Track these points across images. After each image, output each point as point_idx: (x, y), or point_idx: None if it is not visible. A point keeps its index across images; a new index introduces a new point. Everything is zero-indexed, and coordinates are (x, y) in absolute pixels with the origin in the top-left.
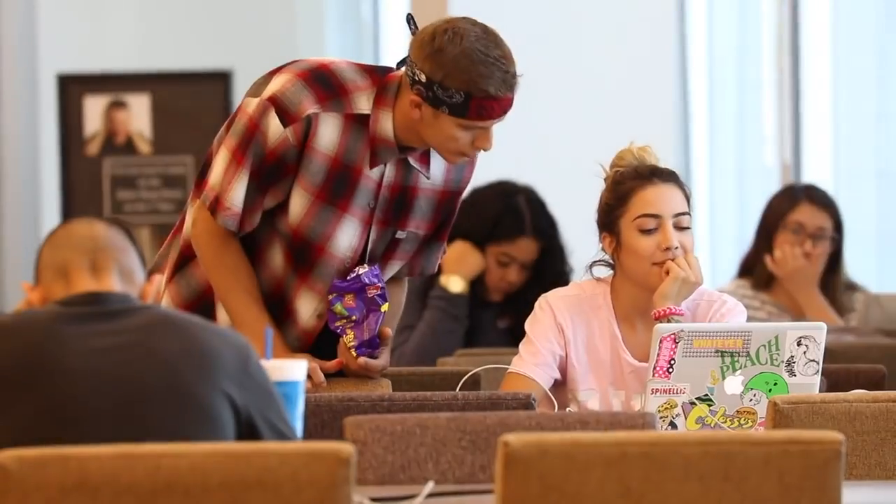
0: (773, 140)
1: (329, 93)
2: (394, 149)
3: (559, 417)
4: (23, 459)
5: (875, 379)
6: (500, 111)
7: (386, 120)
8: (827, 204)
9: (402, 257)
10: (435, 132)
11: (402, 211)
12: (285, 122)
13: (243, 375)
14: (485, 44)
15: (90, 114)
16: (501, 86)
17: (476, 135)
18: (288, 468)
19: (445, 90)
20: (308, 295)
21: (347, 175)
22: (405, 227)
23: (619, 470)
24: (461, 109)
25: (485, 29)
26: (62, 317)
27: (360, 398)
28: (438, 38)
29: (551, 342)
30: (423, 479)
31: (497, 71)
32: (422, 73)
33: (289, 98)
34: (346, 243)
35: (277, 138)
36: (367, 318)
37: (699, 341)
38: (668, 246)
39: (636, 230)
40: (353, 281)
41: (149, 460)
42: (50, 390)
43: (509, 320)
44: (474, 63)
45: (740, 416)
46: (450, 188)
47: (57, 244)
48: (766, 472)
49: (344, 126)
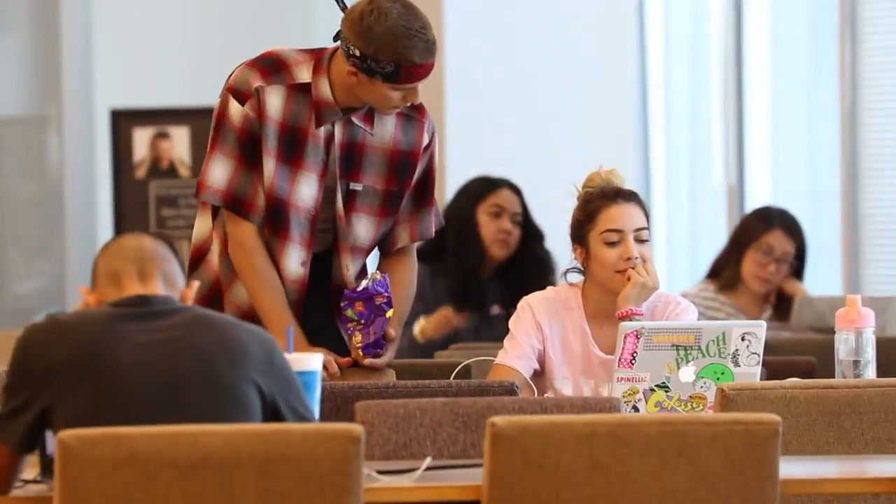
0: (721, 164)
1: (272, 69)
2: (336, 110)
3: (538, 402)
4: (81, 438)
5: (807, 369)
6: (425, 73)
7: (324, 85)
8: (796, 232)
9: (369, 211)
10: (371, 94)
11: (353, 165)
12: (241, 101)
13: (269, 366)
14: (406, 18)
15: (138, 143)
16: (424, 54)
17: (405, 93)
18: (307, 445)
19: (377, 62)
20: (289, 247)
21: (296, 136)
22: (358, 179)
23: (589, 447)
24: (393, 77)
25: (404, 4)
26: (114, 316)
27: (369, 386)
28: (366, 17)
29: (531, 338)
30: (422, 455)
31: (419, 42)
32: (355, 48)
33: (240, 81)
34: (307, 194)
35: (240, 117)
36: (374, 322)
37: (658, 337)
38: (629, 256)
39: (602, 243)
40: (362, 292)
41: (188, 438)
42: (104, 379)
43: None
44: (399, 38)
45: (693, 400)
46: (400, 148)
47: (110, 255)
48: (715, 448)
49: (287, 95)
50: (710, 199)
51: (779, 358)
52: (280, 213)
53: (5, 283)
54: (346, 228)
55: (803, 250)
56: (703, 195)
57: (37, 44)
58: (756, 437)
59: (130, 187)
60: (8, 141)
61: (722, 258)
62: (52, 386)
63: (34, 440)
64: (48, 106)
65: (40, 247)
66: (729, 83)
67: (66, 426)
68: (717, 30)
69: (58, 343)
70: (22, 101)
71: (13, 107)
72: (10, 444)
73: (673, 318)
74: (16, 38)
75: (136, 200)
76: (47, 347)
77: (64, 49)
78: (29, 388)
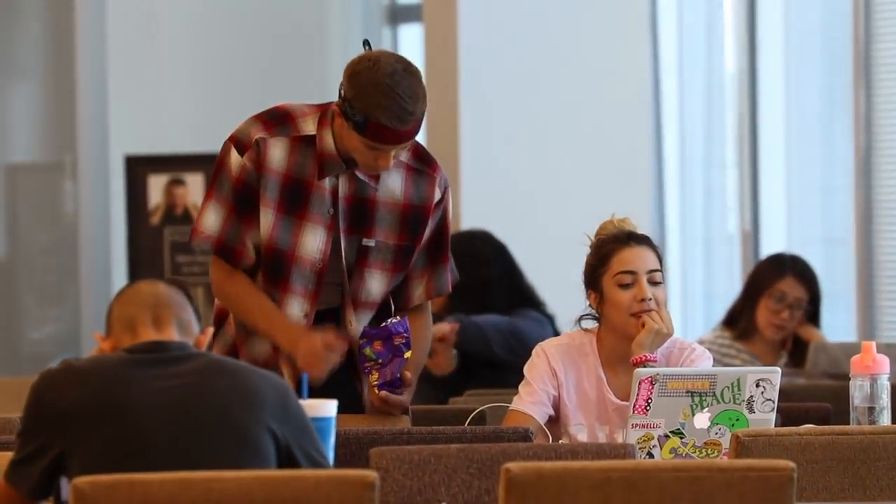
0: (735, 211)
1: (276, 121)
2: (339, 162)
3: (553, 448)
4: (95, 484)
5: (822, 415)
6: (394, 140)
7: (328, 136)
8: (809, 279)
9: (381, 267)
10: (349, 142)
11: (364, 221)
12: (241, 152)
13: (283, 411)
14: (396, 79)
15: (153, 189)
16: (395, 119)
17: (377, 155)
18: (321, 492)
19: (352, 108)
20: (290, 298)
21: (300, 188)
22: (371, 235)
23: (604, 493)
24: (361, 128)
25: (407, 67)
26: (129, 362)
27: (384, 432)
28: (362, 62)
29: (546, 384)
30: (436, 502)
31: (396, 105)
32: (343, 88)
33: (242, 132)
34: (312, 246)
35: (238, 167)
36: (392, 361)
37: (672, 383)
38: (643, 297)
39: (616, 285)
40: (381, 330)
41: (202, 485)
42: (118, 425)
43: None
44: (377, 93)
45: (707, 447)
46: (412, 202)
47: (125, 301)
48: (730, 494)
49: (291, 146)
50: (724, 246)
51: (794, 404)
52: (280, 264)
53: (20, 329)
54: (355, 283)
55: (817, 296)
56: (718, 241)
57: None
58: (771, 483)
59: (145, 233)
60: (23, 187)
61: (737, 307)
62: (66, 432)
63: (49, 487)
64: (63, 152)
65: (55, 293)
66: (744, 129)
67: (81, 472)
68: (731, 75)
69: (72, 389)
70: (37, 148)
71: (29, 153)
72: (23, 491)
73: (688, 364)
74: (31, 85)
75: (150, 247)
76: (62, 393)
77: (79, 96)
78: (43, 435)
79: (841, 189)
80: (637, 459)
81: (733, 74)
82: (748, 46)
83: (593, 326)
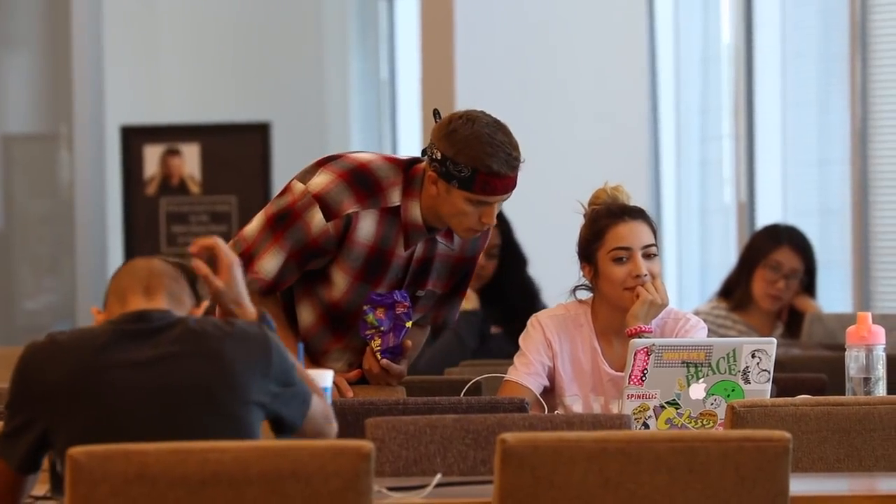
0: (731, 183)
1: (367, 192)
2: (423, 231)
3: (548, 419)
4: (91, 454)
5: (818, 386)
6: (503, 189)
7: (414, 208)
8: (804, 249)
9: (421, 310)
10: (448, 207)
11: (425, 276)
12: (328, 217)
13: (264, 379)
14: (493, 130)
15: (149, 160)
16: (503, 165)
17: (482, 211)
18: (317, 462)
19: (455, 165)
20: (340, 353)
21: (382, 258)
22: (425, 287)
23: (599, 463)
24: (468, 183)
25: (496, 120)
26: (111, 336)
27: (379, 402)
28: (454, 122)
29: (541, 355)
30: (432, 472)
31: (501, 152)
32: (438, 150)
33: (332, 197)
34: None
35: (320, 230)
36: (393, 329)
37: (668, 354)
38: (637, 273)
39: (611, 261)
40: (385, 296)
41: (198, 455)
42: (100, 402)
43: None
44: (481, 144)
45: (703, 417)
46: (465, 255)
47: (120, 275)
48: (725, 465)
49: (380, 218)
50: (720, 217)
51: (789, 375)
52: (344, 321)
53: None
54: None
55: (813, 267)
56: (714, 213)
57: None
58: (766, 454)
59: (141, 204)
60: (19, 158)
61: (732, 277)
62: (50, 408)
63: (37, 460)
64: (59, 123)
65: (50, 263)
66: (739, 100)
67: (67, 448)
68: (727, 47)
69: (55, 365)
70: (33, 119)
71: (24, 124)
72: (12, 464)
73: (682, 334)
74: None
75: (146, 217)
76: (45, 370)
77: (75, 67)
78: (29, 410)
79: (837, 160)
80: (633, 430)
81: (729, 46)
82: (744, 18)
83: (588, 297)
